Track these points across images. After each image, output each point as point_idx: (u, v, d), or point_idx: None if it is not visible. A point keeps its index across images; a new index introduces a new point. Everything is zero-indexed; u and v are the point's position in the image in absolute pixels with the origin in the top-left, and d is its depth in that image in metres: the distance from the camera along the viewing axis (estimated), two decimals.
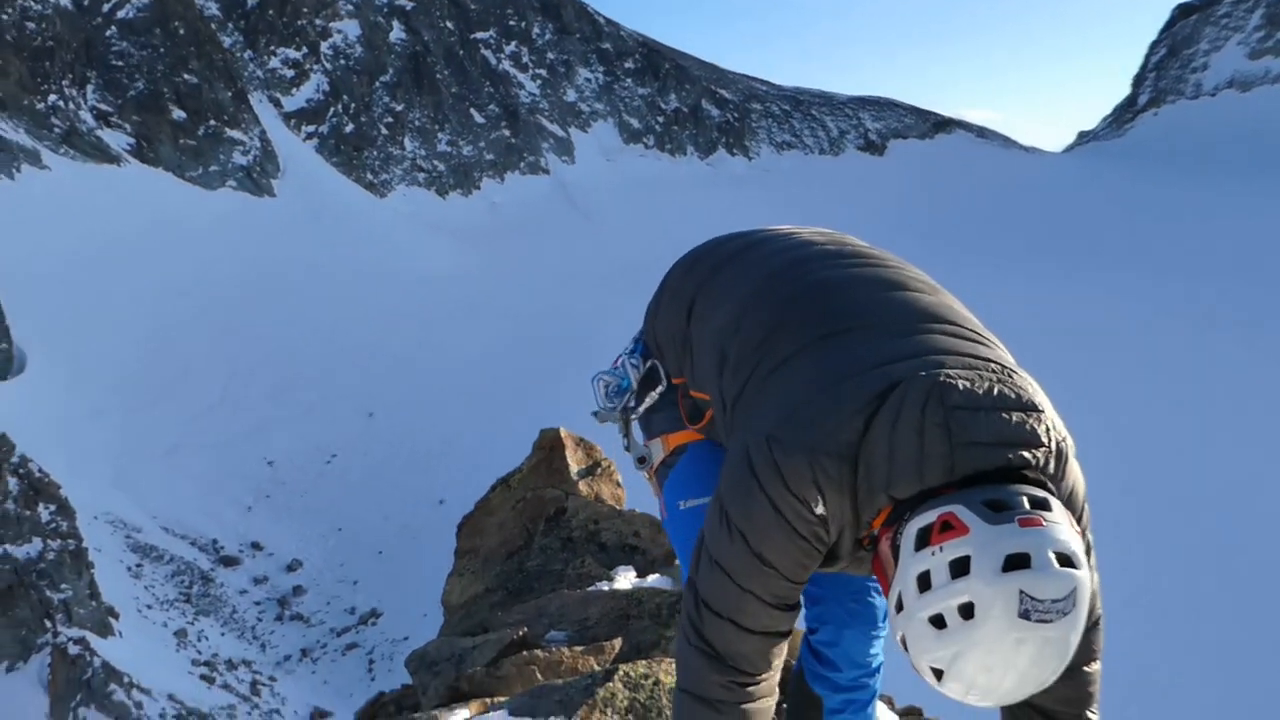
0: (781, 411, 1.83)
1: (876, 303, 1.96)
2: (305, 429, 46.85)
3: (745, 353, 2.00)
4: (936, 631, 1.64)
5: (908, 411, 1.73)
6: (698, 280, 2.28)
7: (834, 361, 1.86)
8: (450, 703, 5.52)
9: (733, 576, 1.85)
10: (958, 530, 1.64)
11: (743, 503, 1.82)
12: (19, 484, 31.48)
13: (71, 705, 26.58)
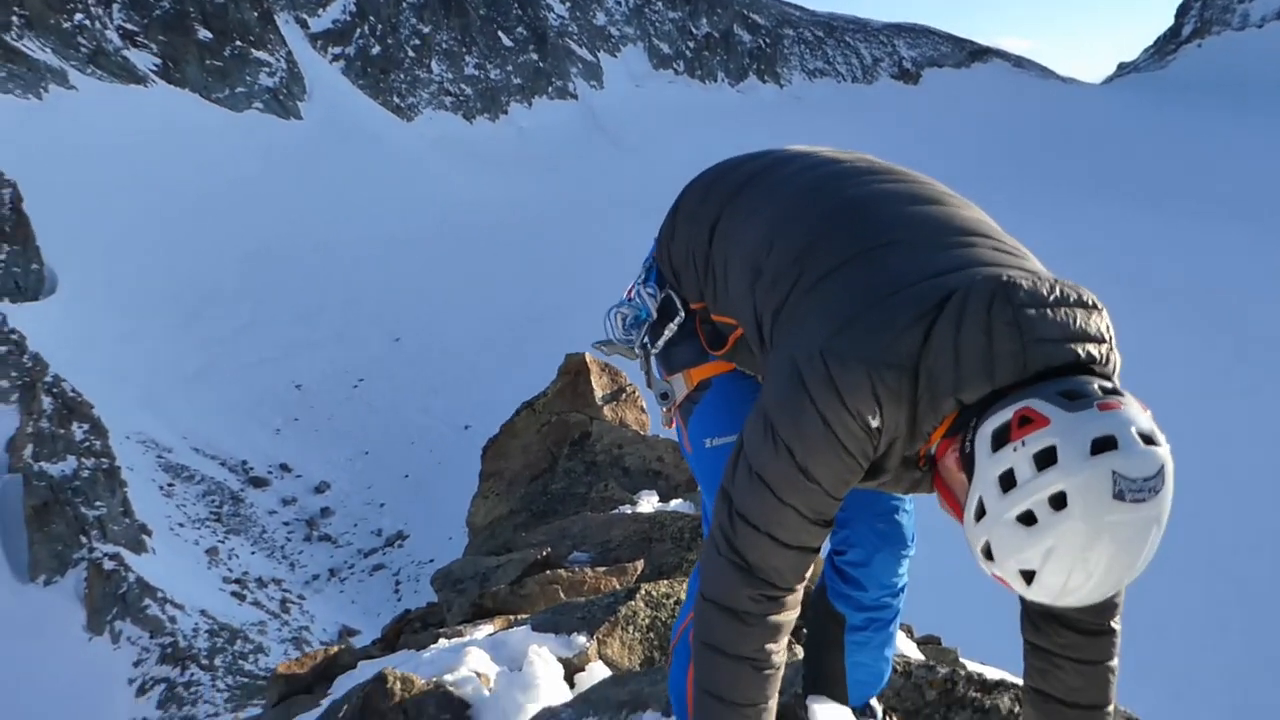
0: (832, 325, 1.80)
1: (914, 216, 1.93)
2: (332, 353, 47.21)
3: (782, 266, 1.96)
4: (1026, 530, 1.61)
5: (973, 313, 1.72)
6: (720, 201, 2.21)
7: (881, 274, 1.84)
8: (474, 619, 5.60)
9: (774, 490, 1.83)
10: (1037, 423, 1.62)
11: (792, 417, 1.79)
12: (53, 403, 32.00)
13: (107, 618, 27.30)
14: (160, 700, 24.75)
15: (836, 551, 2.40)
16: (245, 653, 28.09)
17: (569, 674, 4.03)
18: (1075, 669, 1.96)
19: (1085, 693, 1.98)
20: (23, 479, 29.94)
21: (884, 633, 2.45)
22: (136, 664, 26.01)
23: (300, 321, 48.51)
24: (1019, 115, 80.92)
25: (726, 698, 1.90)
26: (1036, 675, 2.02)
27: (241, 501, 38.61)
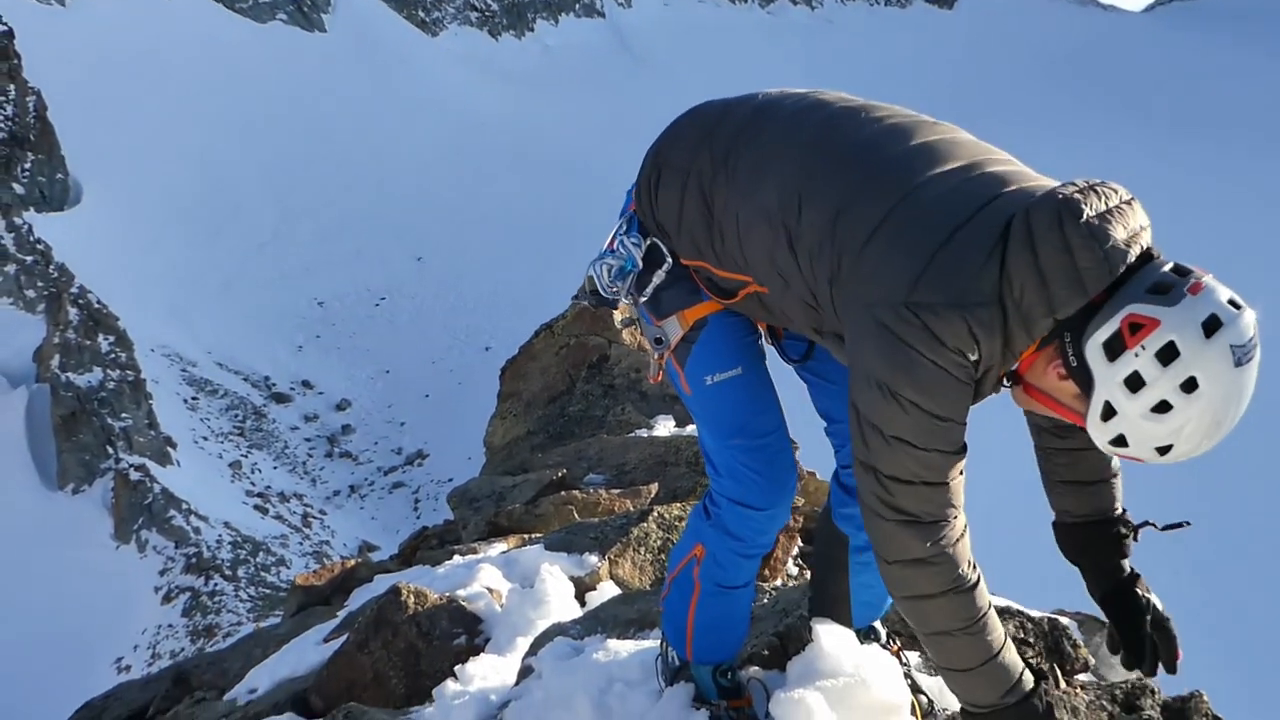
0: (907, 278, 1.86)
1: (924, 153, 1.98)
2: (355, 271, 47.26)
3: (821, 232, 1.99)
4: (1161, 416, 1.78)
5: (1044, 235, 1.81)
6: (716, 155, 2.19)
7: (929, 218, 1.90)
8: (489, 537, 5.68)
9: (916, 444, 1.91)
10: (1148, 326, 1.77)
11: (905, 372, 1.86)
12: (79, 314, 32.27)
13: (134, 528, 27.85)
14: (185, 608, 25.35)
15: (843, 465, 2.41)
16: (267, 565, 28.66)
17: (580, 592, 4.08)
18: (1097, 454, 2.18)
19: (1107, 468, 2.24)
20: (50, 389, 30.36)
21: None
22: (162, 573, 26.60)
23: (322, 238, 48.51)
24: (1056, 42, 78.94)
25: (951, 629, 1.99)
26: (1064, 469, 2.23)
27: (264, 417, 39.06)
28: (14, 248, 36.58)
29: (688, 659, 2.44)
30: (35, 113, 41.45)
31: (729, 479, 2.29)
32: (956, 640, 2.00)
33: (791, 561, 4.44)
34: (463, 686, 3.19)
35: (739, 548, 2.33)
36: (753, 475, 2.27)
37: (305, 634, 4.95)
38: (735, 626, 2.43)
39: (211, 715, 4.46)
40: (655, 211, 2.30)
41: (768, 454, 2.27)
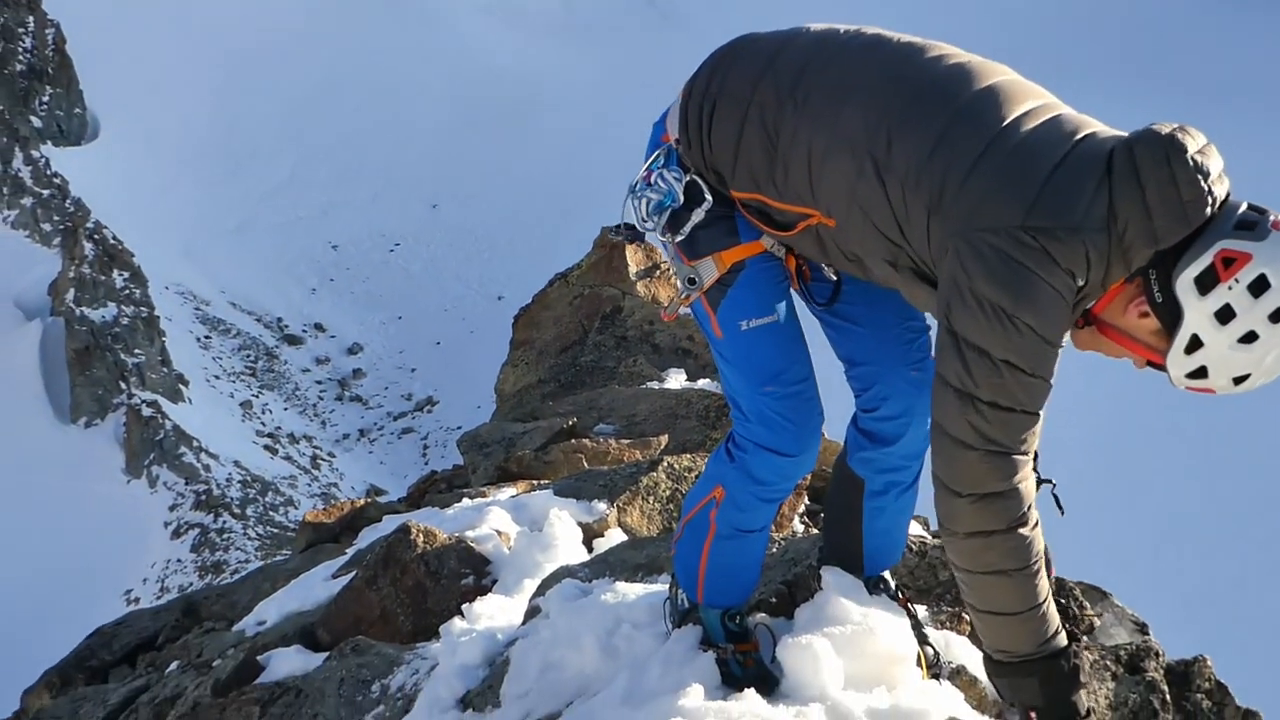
0: (1020, 204, 1.90)
1: (1005, 90, 2.03)
2: (370, 215, 47.16)
3: (918, 161, 1.99)
4: (1247, 346, 1.86)
5: (1152, 170, 1.88)
6: (781, 86, 2.14)
7: (1031, 149, 1.95)
8: (498, 482, 5.71)
9: (1025, 369, 1.93)
10: (1240, 260, 1.84)
11: (1025, 295, 1.90)
12: (94, 249, 32.35)
13: (145, 463, 28.13)
14: (194, 544, 25.65)
15: (866, 410, 2.39)
16: (276, 505, 28.94)
17: (588, 538, 4.11)
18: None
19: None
20: (64, 323, 30.53)
21: (903, 498, 2.47)
22: (172, 508, 26.89)
23: (339, 181, 48.35)
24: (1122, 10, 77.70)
25: (1009, 568, 2.01)
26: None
27: (276, 358, 39.21)
28: (31, 181, 36.63)
29: (698, 601, 2.44)
30: (54, 45, 41.26)
31: (759, 425, 2.28)
32: (1011, 581, 2.02)
33: (798, 519, 4.45)
34: (470, 625, 3.22)
35: (761, 491, 2.33)
36: (784, 422, 2.26)
37: (314, 569, 5.00)
38: (748, 570, 2.44)
39: (220, 645, 4.52)
40: (707, 144, 2.24)
41: (799, 400, 2.26)
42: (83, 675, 5.42)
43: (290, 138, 49.20)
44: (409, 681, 3.23)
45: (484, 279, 44.67)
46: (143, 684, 4.60)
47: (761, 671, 2.32)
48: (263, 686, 3.60)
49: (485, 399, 14.75)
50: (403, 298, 43.28)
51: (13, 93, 39.59)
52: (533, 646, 2.69)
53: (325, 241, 45.42)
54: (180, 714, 3.67)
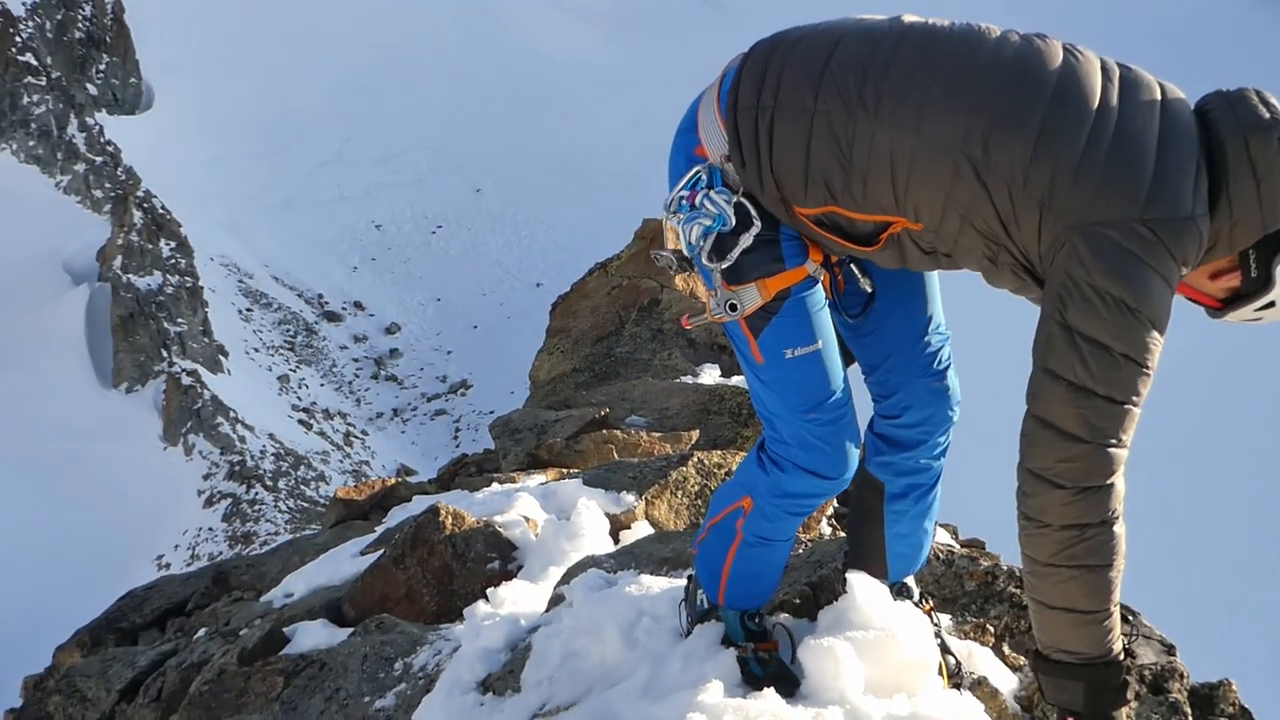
0: (1134, 195, 1.90)
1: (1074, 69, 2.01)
2: (414, 197, 47.45)
3: (1022, 158, 1.94)
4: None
5: (1268, 164, 1.91)
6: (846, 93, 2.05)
7: (1129, 134, 1.95)
8: (528, 469, 5.74)
9: (1142, 362, 1.94)
10: None
11: (1143, 288, 1.91)
12: (143, 218, 32.80)
13: (182, 431, 28.51)
14: (225, 514, 25.98)
15: (886, 416, 2.39)
16: (307, 479, 29.24)
17: (614, 529, 4.12)
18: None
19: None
20: (111, 289, 30.98)
21: (924, 501, 2.45)
22: (206, 477, 27.25)
23: (384, 162, 48.68)
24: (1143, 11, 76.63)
25: (1095, 564, 2.00)
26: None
27: (315, 334, 39.60)
28: (84, 147, 37.20)
29: (719, 603, 2.45)
30: (113, 15, 41.85)
31: (799, 449, 2.24)
32: (1094, 577, 2.01)
33: (825, 521, 4.44)
34: (494, 609, 3.24)
35: (791, 506, 2.31)
36: (825, 446, 2.23)
37: (343, 545, 5.06)
38: (770, 575, 2.44)
39: (248, 615, 4.58)
40: (768, 163, 2.14)
41: (840, 425, 2.24)
42: (113, 636, 5.52)
43: (339, 116, 49.59)
44: (431, 661, 3.27)
45: (523, 265, 44.83)
46: (171, 648, 4.68)
47: (782, 671, 2.33)
48: (287, 658, 3.65)
49: (519, 384, 14.81)
50: (442, 280, 43.54)
51: (71, 60, 40.21)
52: (555, 634, 2.71)
53: (369, 221, 45.78)
54: (206, 680, 3.72)
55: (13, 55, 36.74)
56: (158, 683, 4.22)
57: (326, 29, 52.94)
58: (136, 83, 43.69)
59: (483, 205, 47.85)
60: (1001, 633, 2.68)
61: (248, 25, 50.53)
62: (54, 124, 36.89)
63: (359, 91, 50.88)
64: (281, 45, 50.74)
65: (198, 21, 48.68)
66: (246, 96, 47.72)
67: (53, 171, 36.45)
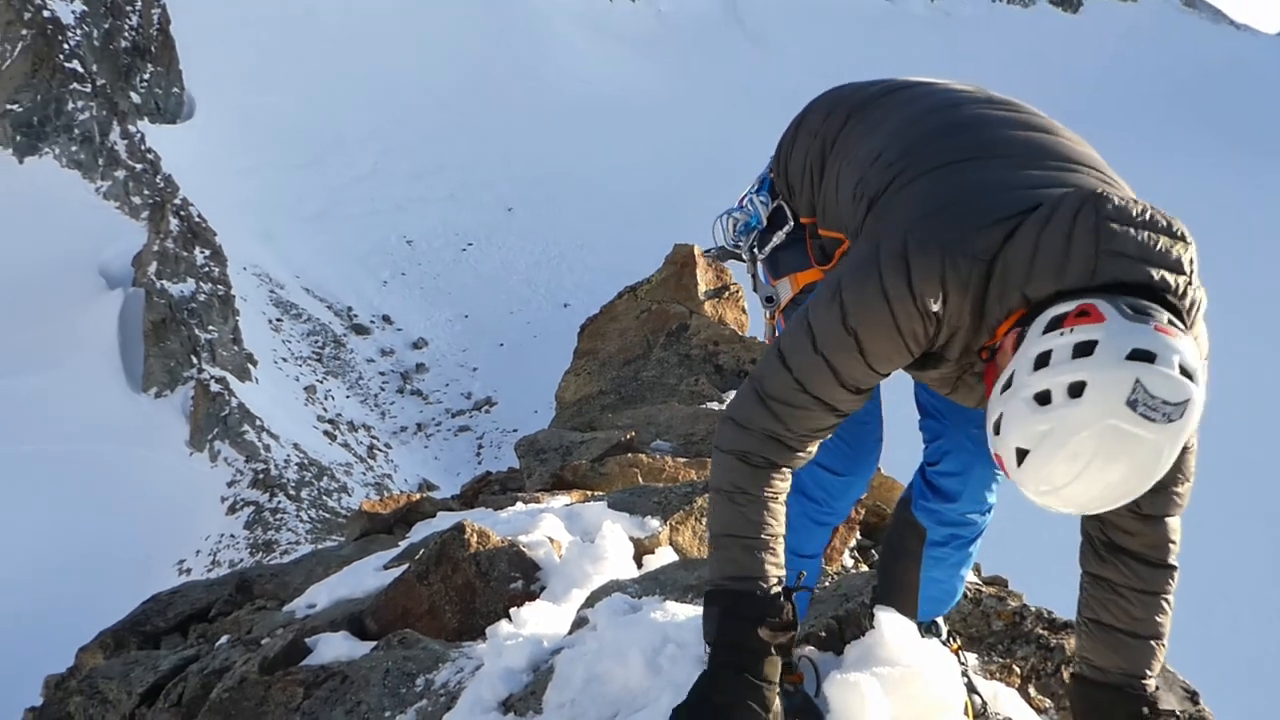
0: (922, 211, 1.87)
1: (1021, 139, 1.98)
2: (446, 213, 47.79)
3: (882, 169, 2.02)
4: (1038, 407, 1.68)
5: (1059, 217, 1.77)
6: (839, 121, 2.27)
7: (978, 178, 1.90)
8: (553, 489, 5.74)
9: (816, 338, 1.91)
10: (1094, 317, 1.68)
11: (858, 281, 1.87)
12: (179, 225, 33.20)
13: (208, 437, 28.71)
14: (248, 521, 26.08)
15: (930, 463, 2.40)
16: (330, 490, 29.34)
17: (638, 554, 4.11)
18: (1139, 599, 2.05)
19: (1146, 623, 2.08)
20: (145, 294, 31.33)
21: (964, 551, 2.46)
22: (230, 484, 27.38)
23: (418, 178, 49.08)
24: (1182, 59, 76.20)
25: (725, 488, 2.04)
26: (1098, 606, 2.09)
27: (343, 346, 39.85)
28: (125, 154, 37.72)
29: None
30: (159, 25, 42.53)
31: None
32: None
33: (848, 553, 4.42)
34: (516, 629, 3.25)
35: (814, 511, 2.34)
36: (838, 441, 2.30)
37: (366, 558, 5.07)
38: (798, 597, 2.45)
39: (270, 624, 4.60)
40: (787, 170, 2.37)
41: (855, 423, 2.28)
42: (136, 639, 5.55)
43: (376, 131, 50.09)
44: (453, 679, 3.27)
45: (552, 285, 45.00)
46: (193, 654, 4.71)
47: (806, 705, 2.32)
48: (309, 669, 3.66)
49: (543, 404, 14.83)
50: (471, 297, 43.76)
51: (116, 68, 40.86)
52: (579, 657, 2.71)
53: (400, 235, 46.12)
54: (227, 687, 3.74)
55: (60, 62, 37.38)
56: (179, 688, 4.24)
57: (367, 44, 53.58)
58: (179, 92, 44.32)
59: (514, 224, 48.12)
60: (1028, 674, 2.66)
61: (289, 39, 51.21)
62: (97, 130, 37.44)
63: (396, 107, 51.41)
64: (322, 59, 51.37)
65: (240, 34, 49.39)
66: (285, 108, 48.31)
67: (93, 177, 36.98)
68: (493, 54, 57.09)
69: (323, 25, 53.00)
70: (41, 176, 36.03)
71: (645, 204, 48.18)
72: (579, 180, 50.59)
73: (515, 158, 51.17)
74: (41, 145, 36.93)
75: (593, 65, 60.30)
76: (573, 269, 45.85)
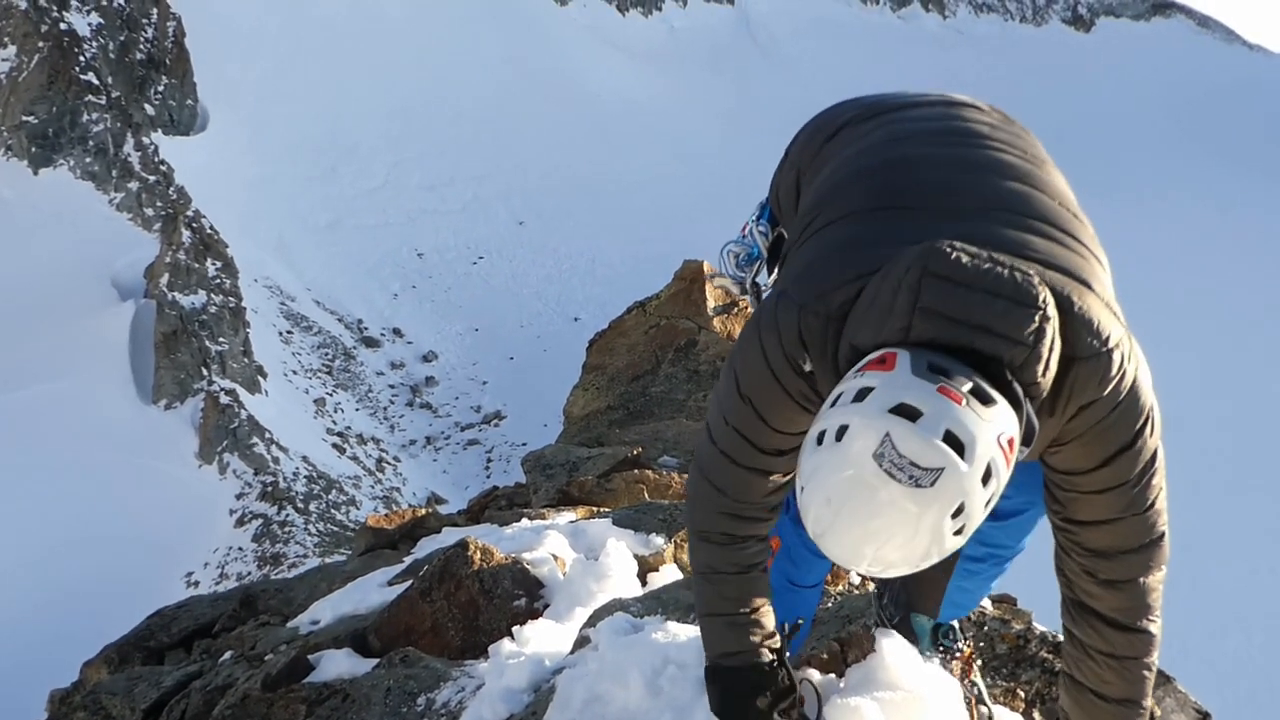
0: (801, 268, 1.85)
1: (947, 185, 1.88)
2: (458, 226, 47.94)
3: (802, 214, 2.00)
4: (815, 447, 1.63)
5: (894, 269, 1.69)
6: (813, 150, 2.21)
7: (870, 232, 1.84)
8: (558, 505, 5.73)
9: (726, 413, 1.90)
10: (887, 366, 1.61)
11: (744, 348, 1.86)
12: (191, 237, 33.34)
13: (218, 449, 28.76)
14: (256, 534, 26.09)
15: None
16: (338, 503, 29.35)
17: (643, 571, 4.10)
18: (1108, 664, 1.98)
19: (1116, 686, 2.00)
20: (156, 306, 31.47)
21: (1000, 567, 2.41)
22: (239, 496, 27.41)
23: (430, 190, 49.27)
24: (1194, 79, 76.13)
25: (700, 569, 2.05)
26: (1072, 663, 2.05)
27: (353, 359, 39.94)
28: (139, 166, 37.95)
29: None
30: (174, 38, 42.83)
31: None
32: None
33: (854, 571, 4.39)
34: (519, 647, 3.23)
35: (812, 543, 2.32)
36: None
37: (371, 574, 5.06)
38: (796, 608, 2.44)
39: (274, 640, 4.59)
40: (779, 197, 2.33)
41: None
42: (140, 654, 5.55)
43: (388, 143, 50.31)
44: (454, 698, 3.26)
45: (562, 299, 45.08)
46: (196, 670, 4.70)
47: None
48: (311, 686, 3.65)
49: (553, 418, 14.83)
50: (481, 310, 43.85)
51: (130, 80, 41.15)
52: (579, 677, 2.69)
53: (411, 248, 46.26)
54: (229, 704, 3.73)
55: (75, 74, 37.67)
56: (181, 704, 4.23)
57: (380, 57, 53.87)
58: (193, 105, 44.60)
59: (525, 237, 48.26)
60: (1033, 698, 2.63)
61: (303, 51, 51.53)
62: (111, 142, 37.69)
63: (409, 119, 51.66)
64: (335, 72, 51.67)
65: (255, 47, 49.72)
66: (298, 121, 48.57)
67: (107, 188, 37.20)
68: (506, 68, 57.35)
69: (336, 38, 53.32)
70: (56, 188, 36.27)
71: (657, 217, 48.29)
72: (590, 194, 50.74)
73: (527, 171, 51.35)
74: (56, 157, 37.19)
75: (605, 79, 60.52)
76: (584, 283, 45.94)
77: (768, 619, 2.08)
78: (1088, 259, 1.83)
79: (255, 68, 48.92)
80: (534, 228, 48.76)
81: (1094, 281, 1.78)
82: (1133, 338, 1.78)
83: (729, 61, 66.56)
